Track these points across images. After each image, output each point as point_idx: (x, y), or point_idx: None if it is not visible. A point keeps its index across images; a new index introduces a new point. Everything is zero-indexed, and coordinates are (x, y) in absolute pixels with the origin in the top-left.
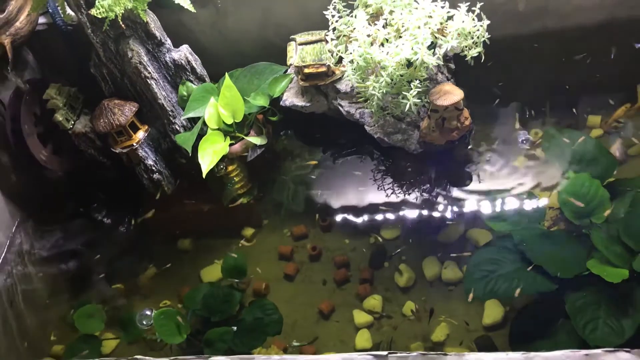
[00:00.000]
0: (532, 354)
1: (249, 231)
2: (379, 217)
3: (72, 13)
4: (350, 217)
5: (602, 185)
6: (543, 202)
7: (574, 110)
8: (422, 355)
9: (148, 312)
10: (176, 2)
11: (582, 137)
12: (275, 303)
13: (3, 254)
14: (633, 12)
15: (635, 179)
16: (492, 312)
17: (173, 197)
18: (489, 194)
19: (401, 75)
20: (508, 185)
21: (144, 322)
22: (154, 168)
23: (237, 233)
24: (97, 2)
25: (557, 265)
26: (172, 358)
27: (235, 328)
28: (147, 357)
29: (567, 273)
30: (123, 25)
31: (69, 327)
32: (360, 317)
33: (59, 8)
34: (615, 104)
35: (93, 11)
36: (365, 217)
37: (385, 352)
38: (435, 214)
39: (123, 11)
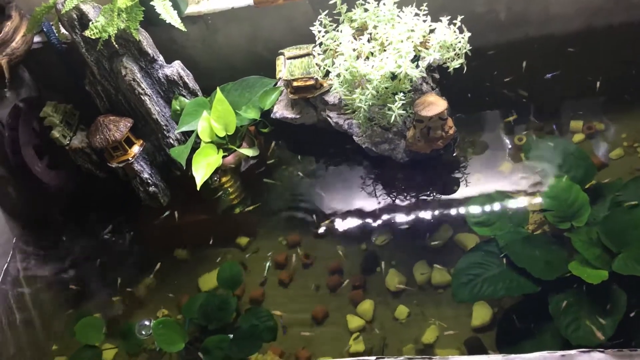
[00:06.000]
0: (512, 356)
1: (243, 240)
2: (370, 224)
3: (67, 32)
4: (342, 225)
5: (582, 189)
6: (526, 206)
7: (557, 116)
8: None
9: (147, 323)
10: (167, 21)
11: (563, 142)
12: (270, 310)
13: (4, 269)
14: (610, 20)
15: (615, 183)
16: (480, 314)
17: (169, 209)
18: (474, 200)
19: (386, 88)
20: (493, 191)
21: (143, 332)
22: (149, 181)
23: (232, 242)
24: (90, 23)
25: (540, 267)
26: None
27: (231, 336)
28: None
29: (549, 275)
30: (116, 45)
31: (70, 338)
32: (354, 321)
33: (53, 28)
34: (595, 109)
35: (87, 32)
36: (357, 224)
37: (373, 357)
38: (424, 220)
39: (116, 31)
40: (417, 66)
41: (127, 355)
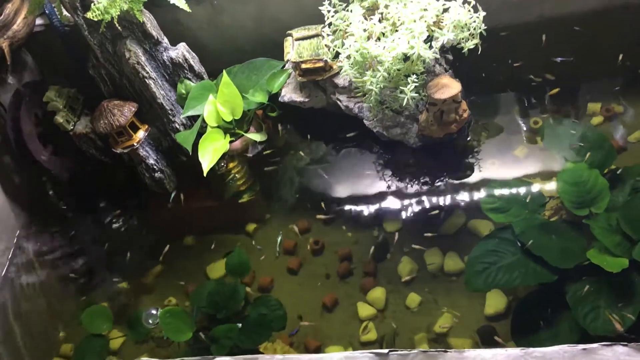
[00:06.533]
0: (531, 349)
1: (252, 226)
2: (381, 210)
3: (69, 14)
4: (352, 211)
5: (601, 174)
6: (543, 192)
7: (574, 98)
8: (422, 353)
9: (154, 312)
10: (171, 2)
11: (581, 125)
12: (279, 298)
13: (9, 256)
14: None
15: (635, 167)
16: (494, 302)
17: (175, 195)
18: (489, 185)
19: (398, 70)
20: (508, 176)
21: (150, 321)
22: (155, 167)
23: (240, 229)
24: (92, 4)
25: (557, 255)
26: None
27: (240, 325)
28: None
29: (567, 263)
30: (119, 27)
31: (77, 326)
32: (364, 309)
33: (55, 10)
34: (614, 91)
35: (89, 14)
36: (367, 211)
37: (386, 350)
38: (437, 206)
39: (119, 13)
40: (431, 47)
41: (135, 344)
